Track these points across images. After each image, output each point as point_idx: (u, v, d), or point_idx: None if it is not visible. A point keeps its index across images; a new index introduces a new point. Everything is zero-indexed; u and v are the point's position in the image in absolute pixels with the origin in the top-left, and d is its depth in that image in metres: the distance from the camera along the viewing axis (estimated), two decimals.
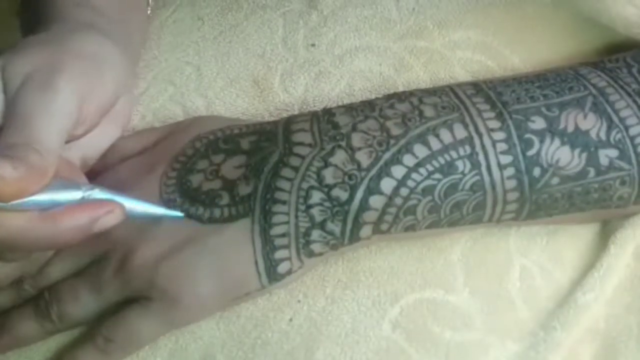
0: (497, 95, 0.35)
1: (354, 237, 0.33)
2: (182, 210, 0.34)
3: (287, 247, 0.33)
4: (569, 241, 0.37)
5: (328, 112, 0.35)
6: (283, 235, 0.33)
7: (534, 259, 0.36)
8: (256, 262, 0.33)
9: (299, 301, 0.34)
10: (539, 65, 0.40)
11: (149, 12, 0.44)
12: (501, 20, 0.40)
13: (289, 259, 0.33)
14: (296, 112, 0.39)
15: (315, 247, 0.33)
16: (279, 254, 0.33)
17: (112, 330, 0.34)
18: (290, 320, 0.34)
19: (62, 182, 0.31)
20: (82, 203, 0.30)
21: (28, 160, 0.28)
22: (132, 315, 0.34)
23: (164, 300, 0.33)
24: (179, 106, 0.40)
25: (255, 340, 0.34)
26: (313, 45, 0.40)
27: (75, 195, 0.30)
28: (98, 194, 0.31)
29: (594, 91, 0.35)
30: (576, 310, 0.35)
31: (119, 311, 0.34)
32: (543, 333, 0.34)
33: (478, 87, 0.35)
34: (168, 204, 0.34)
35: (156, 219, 0.34)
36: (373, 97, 0.39)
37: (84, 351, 0.34)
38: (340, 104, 0.39)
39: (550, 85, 0.35)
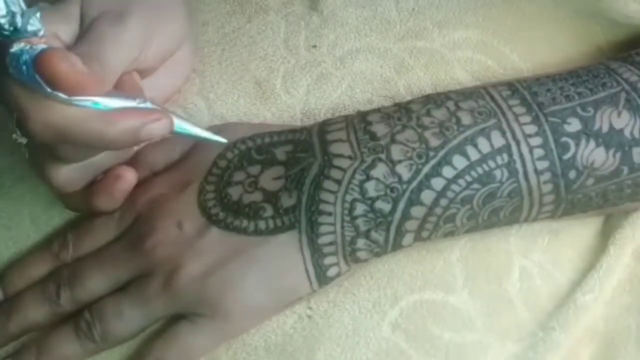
0: (532, 96, 0.35)
1: (397, 245, 0.34)
2: (225, 224, 0.34)
3: (334, 254, 0.34)
4: (569, 242, 0.37)
5: (364, 120, 0.36)
6: (330, 243, 0.34)
7: (534, 259, 0.36)
8: (307, 270, 0.34)
9: (303, 306, 0.35)
10: (540, 63, 0.40)
11: None
12: (501, 19, 0.40)
13: (337, 264, 0.34)
14: (298, 114, 0.39)
15: (361, 255, 0.34)
16: (328, 260, 0.34)
17: (163, 349, 0.34)
18: (294, 323, 0.35)
19: (119, 94, 0.33)
20: (134, 109, 0.33)
21: (92, 65, 0.31)
22: (183, 333, 0.34)
23: (214, 315, 0.33)
24: (180, 108, 0.40)
25: (258, 342, 0.35)
26: (314, 46, 0.41)
27: (129, 103, 0.32)
28: (151, 105, 0.33)
29: (626, 86, 0.35)
30: (575, 311, 0.35)
31: (166, 329, 0.34)
32: (542, 334, 0.35)
33: (513, 88, 0.36)
34: (211, 218, 0.35)
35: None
36: (374, 98, 0.39)
37: None
38: (341, 105, 0.39)
39: (583, 82, 0.35)
